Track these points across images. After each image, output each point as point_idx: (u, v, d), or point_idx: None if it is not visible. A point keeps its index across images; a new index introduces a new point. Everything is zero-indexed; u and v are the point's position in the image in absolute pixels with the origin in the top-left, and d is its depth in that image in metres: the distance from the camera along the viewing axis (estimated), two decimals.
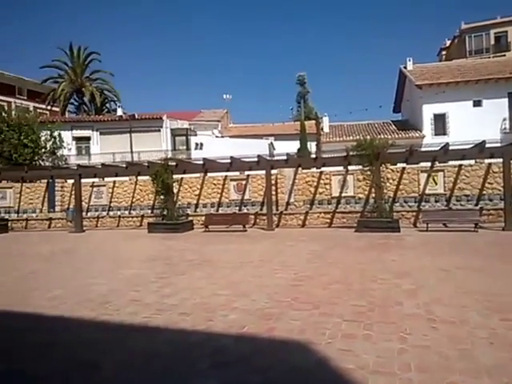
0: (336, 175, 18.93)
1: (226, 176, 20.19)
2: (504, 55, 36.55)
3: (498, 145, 18.36)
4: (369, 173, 16.01)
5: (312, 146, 29.46)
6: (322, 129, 32.23)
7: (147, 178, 19.49)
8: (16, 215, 22.23)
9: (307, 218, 18.57)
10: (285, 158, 17.98)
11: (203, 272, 8.51)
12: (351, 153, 16.38)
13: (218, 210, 20.30)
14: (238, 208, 20.13)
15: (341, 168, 18.56)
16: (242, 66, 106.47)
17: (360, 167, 16.62)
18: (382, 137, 24.04)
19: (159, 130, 31.75)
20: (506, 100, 27.71)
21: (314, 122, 33.87)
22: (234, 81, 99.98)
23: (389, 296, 6.09)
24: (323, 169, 18.78)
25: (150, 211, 21.12)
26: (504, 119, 27.56)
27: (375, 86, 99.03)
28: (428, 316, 5.09)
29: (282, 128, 35.85)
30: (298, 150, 27.30)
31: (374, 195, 16.58)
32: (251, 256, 10.47)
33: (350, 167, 18.11)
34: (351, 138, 27.96)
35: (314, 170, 19.17)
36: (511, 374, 3.50)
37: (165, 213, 18.20)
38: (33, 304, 6.33)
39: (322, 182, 19.14)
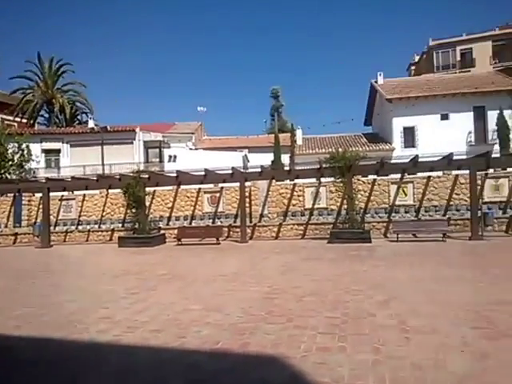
0: (309, 187, 19.10)
1: (200, 188, 20.05)
2: (469, 71, 38.03)
3: (465, 157, 19.00)
4: (341, 184, 16.25)
5: (286, 159, 29.63)
6: (296, 141, 32.51)
7: (118, 191, 19.14)
8: None
9: (281, 230, 18.60)
10: (259, 170, 18.04)
11: (175, 287, 8.34)
12: (324, 165, 16.59)
13: (191, 223, 20.09)
14: (211, 221, 19.98)
15: (314, 180, 18.75)
16: (217, 80, 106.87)
17: (332, 179, 16.84)
18: (354, 149, 24.42)
19: (132, 143, 31.36)
20: (472, 114, 28.70)
21: (288, 134, 34.11)
22: (209, 94, 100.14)
23: (362, 307, 6.11)
24: (297, 181, 18.93)
25: (120, 225, 20.71)
26: (469, 132, 28.55)
27: (348, 99, 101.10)
28: (401, 326, 5.12)
29: (256, 140, 35.95)
30: (272, 162, 27.41)
31: (346, 206, 16.80)
32: (224, 269, 10.34)
33: (322, 179, 18.32)
34: (324, 150, 28.30)
35: (288, 182, 19.31)
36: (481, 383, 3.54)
37: (136, 226, 17.87)
38: None
39: (295, 193, 19.26)
